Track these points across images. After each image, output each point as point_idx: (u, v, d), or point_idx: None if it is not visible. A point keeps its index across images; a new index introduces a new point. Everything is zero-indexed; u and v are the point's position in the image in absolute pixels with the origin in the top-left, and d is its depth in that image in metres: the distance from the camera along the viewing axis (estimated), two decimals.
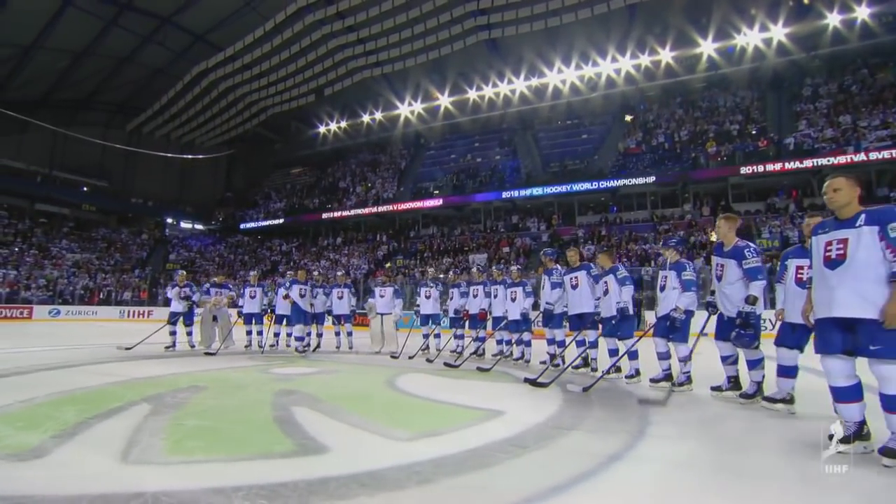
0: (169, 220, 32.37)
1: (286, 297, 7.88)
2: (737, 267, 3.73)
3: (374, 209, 26.54)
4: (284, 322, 8.47)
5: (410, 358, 7.01)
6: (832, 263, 2.44)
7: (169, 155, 26.82)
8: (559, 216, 23.14)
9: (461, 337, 7.78)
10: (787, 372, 3.42)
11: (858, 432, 2.46)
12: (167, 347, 7.88)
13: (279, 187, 33.87)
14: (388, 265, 22.58)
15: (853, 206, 2.44)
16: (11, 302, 19.33)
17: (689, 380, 4.31)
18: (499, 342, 7.24)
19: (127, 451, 2.40)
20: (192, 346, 8.05)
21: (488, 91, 26.36)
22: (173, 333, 8.12)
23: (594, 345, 5.46)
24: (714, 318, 3.98)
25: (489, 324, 7.59)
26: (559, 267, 6.09)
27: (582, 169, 22.73)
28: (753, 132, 19.75)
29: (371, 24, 23.64)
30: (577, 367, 5.66)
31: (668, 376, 4.40)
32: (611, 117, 25.87)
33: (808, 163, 16.71)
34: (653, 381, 4.50)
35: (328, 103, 29.67)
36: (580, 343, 5.57)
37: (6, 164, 25.63)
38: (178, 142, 30.62)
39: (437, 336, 8.27)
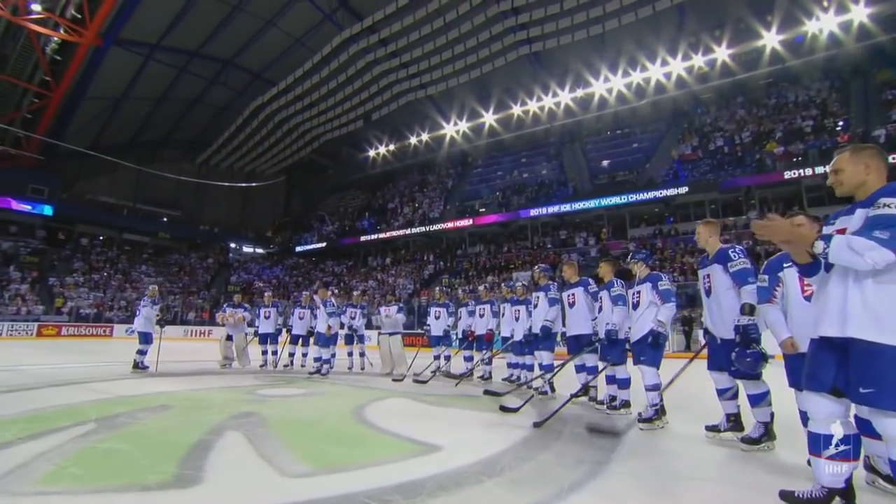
0: (232, 245, 34.82)
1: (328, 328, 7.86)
2: (723, 273, 3.05)
3: (420, 229, 26.72)
4: (300, 342, 8.52)
5: (418, 382, 6.61)
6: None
7: (225, 184, 28.94)
8: (610, 230, 21.82)
9: (470, 359, 7.29)
10: None
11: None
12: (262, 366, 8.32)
13: (333, 211, 35.33)
14: (437, 289, 22.45)
15: (868, 187, 1.81)
16: (97, 321, 21.53)
17: (658, 414, 3.57)
18: (510, 365, 6.67)
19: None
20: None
21: (533, 105, 25.89)
22: (265, 353, 8.54)
23: (593, 371, 4.77)
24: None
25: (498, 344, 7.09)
26: (554, 283, 5.51)
27: (631, 179, 21.37)
28: (838, 126, 17.40)
29: (413, 48, 24.26)
30: (576, 396, 4.99)
31: (658, 411, 3.67)
32: (663, 124, 24.28)
33: None
34: (643, 420, 3.70)
35: (376, 127, 30.70)
36: (580, 368, 4.91)
37: (101, 199, 29.08)
38: (240, 171, 33.13)
39: (448, 358, 7.87)
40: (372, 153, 32.59)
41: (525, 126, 26.88)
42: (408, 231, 27.25)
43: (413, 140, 30.24)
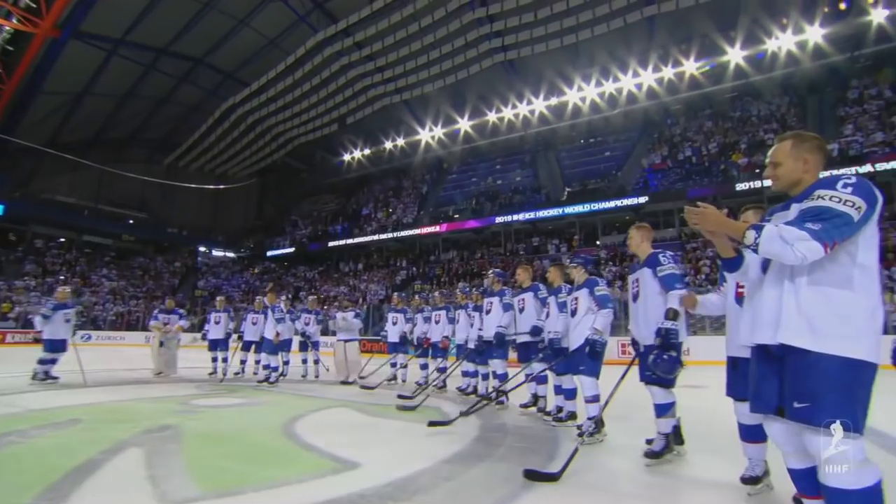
0: (202, 249, 33.74)
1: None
2: (652, 277, 2.94)
3: (393, 234, 26.43)
4: (252, 349, 8.14)
5: (365, 387, 6.36)
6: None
7: (194, 185, 28.04)
8: (581, 237, 21.99)
9: (425, 367, 7.06)
10: (754, 434, 2.41)
11: None
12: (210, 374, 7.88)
13: (306, 215, 34.70)
14: (394, 294, 22.13)
15: (803, 185, 1.65)
16: None
17: (598, 427, 3.43)
18: (465, 374, 6.47)
19: None
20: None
21: (508, 113, 26.00)
22: (214, 360, 8.09)
23: (543, 380, 4.61)
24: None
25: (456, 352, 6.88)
26: (508, 289, 5.35)
27: (603, 188, 21.63)
28: None
29: (388, 52, 24.08)
30: (525, 406, 4.84)
31: (598, 424, 3.51)
32: (634, 133, 24.72)
33: (854, 168, 14.93)
34: (581, 434, 3.48)
35: (351, 132, 30.33)
36: (529, 377, 4.75)
37: (60, 199, 27.75)
38: (211, 173, 32.21)
39: (405, 366, 7.63)
40: (347, 157, 32.17)
41: (500, 133, 26.99)
42: (381, 236, 26.92)
43: (388, 145, 29.99)
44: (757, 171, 17.51)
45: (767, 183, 15.05)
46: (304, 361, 8.15)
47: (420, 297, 8.17)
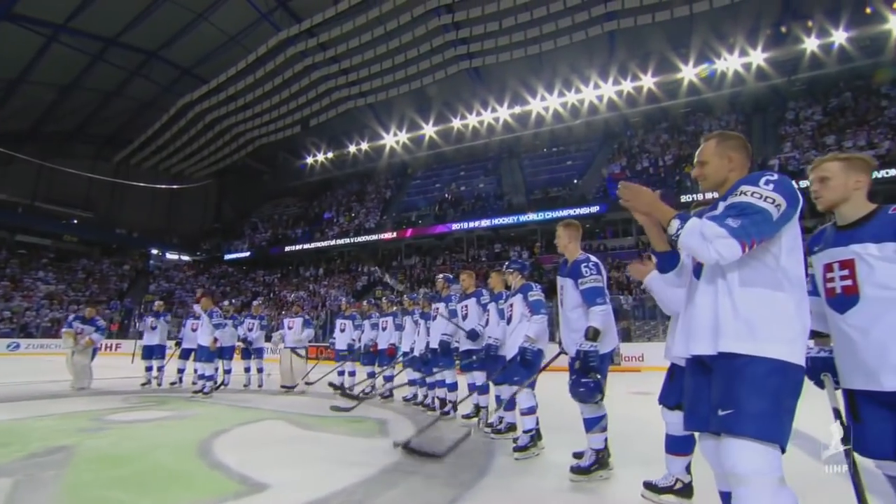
0: (154, 251, 32.06)
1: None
2: (574, 289, 2.84)
3: (355, 239, 25.98)
4: (192, 357, 7.65)
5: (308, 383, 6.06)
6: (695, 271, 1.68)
7: (142, 185, 26.67)
8: (543, 244, 22.27)
9: (373, 375, 6.83)
10: (678, 446, 2.36)
11: None
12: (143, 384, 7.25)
13: (267, 218, 33.65)
14: (343, 300, 21.71)
15: (729, 184, 1.59)
16: None
17: (533, 440, 3.33)
18: (411, 383, 6.27)
19: None
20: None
21: (472, 120, 26.15)
22: (149, 369, 7.48)
23: (485, 390, 4.49)
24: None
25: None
26: (455, 294, 5.22)
27: (564, 195, 22.04)
28: None
29: (352, 54, 23.76)
30: (468, 417, 4.71)
31: (534, 437, 3.40)
32: (595, 143, 25.40)
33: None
34: (518, 449, 3.36)
35: (314, 134, 29.70)
36: (471, 388, 4.63)
37: None
38: (166, 172, 30.72)
39: (352, 374, 7.37)
40: (310, 160, 31.45)
41: (465, 139, 27.09)
42: (342, 241, 26.39)
43: (352, 149, 29.55)
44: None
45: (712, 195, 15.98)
46: (247, 370, 7.74)
47: (368, 303, 7.90)
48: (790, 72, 19.26)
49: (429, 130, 27.11)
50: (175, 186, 28.82)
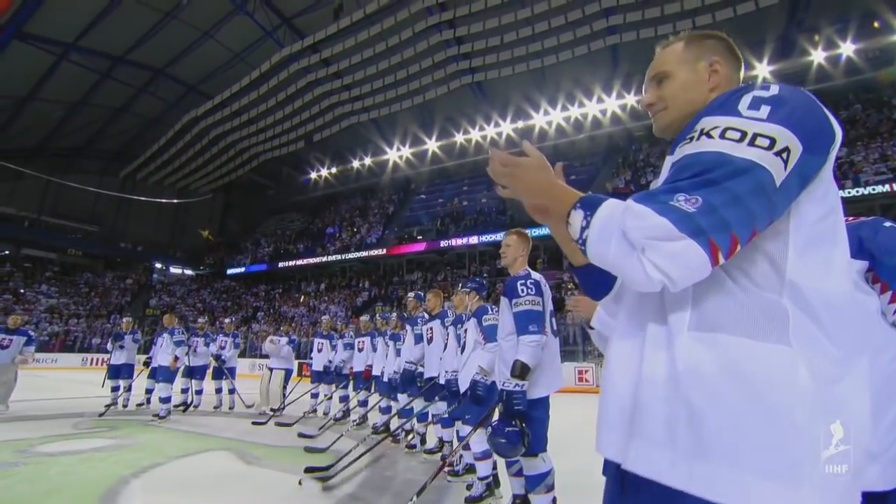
0: (158, 266, 32.12)
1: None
2: (508, 310, 2.40)
3: (356, 254, 25.71)
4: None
5: (280, 424, 5.61)
6: None
7: (147, 199, 26.76)
8: (545, 260, 21.75)
9: (345, 398, 6.39)
10: None
11: None
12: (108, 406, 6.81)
13: (271, 233, 33.63)
14: (323, 318, 21.30)
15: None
16: None
17: (489, 488, 2.85)
18: (381, 410, 5.80)
19: None
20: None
21: (475, 134, 26.01)
22: (115, 389, 7.09)
23: (448, 423, 4.02)
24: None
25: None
26: (425, 314, 4.79)
27: None
28: None
29: (355, 70, 23.85)
30: (431, 452, 4.23)
31: (490, 485, 2.92)
32: (599, 158, 25.03)
33: None
34: (470, 500, 2.89)
35: (318, 149, 29.80)
36: (431, 419, 4.16)
37: None
38: (171, 187, 30.94)
39: (328, 398, 6.93)
40: (314, 175, 31.54)
41: (468, 154, 26.92)
42: (343, 256, 26.13)
43: (356, 164, 29.55)
44: None
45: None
46: (219, 391, 7.34)
47: (342, 321, 7.49)
48: (798, 84, 18.78)
49: (432, 145, 27.01)
50: (175, 201, 28.96)
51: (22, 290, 23.76)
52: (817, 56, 17.54)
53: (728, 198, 0.68)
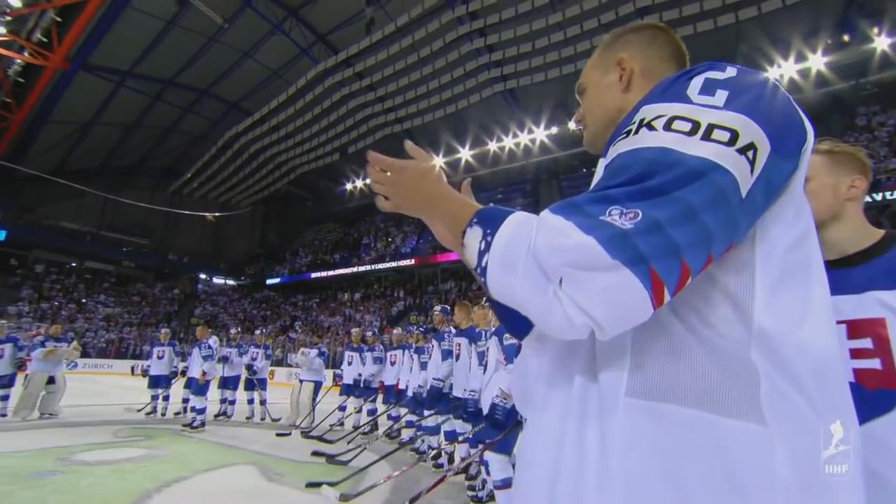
0: (202, 276, 33.61)
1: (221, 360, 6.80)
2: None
3: (391, 264, 25.94)
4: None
5: (309, 436, 5.58)
6: None
7: (187, 212, 28.00)
8: None
9: (373, 412, 6.28)
10: None
11: None
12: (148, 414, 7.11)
13: (308, 243, 34.52)
14: (354, 330, 21.37)
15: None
16: None
17: None
18: (408, 424, 5.65)
19: None
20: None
21: (509, 142, 25.77)
22: (155, 398, 7.39)
23: (473, 444, 3.81)
24: None
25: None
26: (452, 329, 4.61)
27: None
28: None
29: (388, 82, 24.24)
30: (455, 474, 4.02)
31: None
32: None
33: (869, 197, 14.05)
34: None
35: (353, 161, 30.38)
36: (454, 437, 3.96)
37: (63, 225, 28.09)
38: (215, 201, 32.41)
39: (358, 411, 6.85)
40: (349, 186, 32.16)
41: (501, 162, 26.70)
42: (378, 266, 26.41)
43: None
44: None
45: None
46: (250, 402, 7.42)
47: (373, 333, 7.40)
48: (858, 75, 17.46)
49: (465, 154, 26.96)
50: (216, 214, 30.20)
51: (84, 300, 25.40)
52: (880, 43, 16.18)
53: (676, 211, 0.49)
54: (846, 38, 16.94)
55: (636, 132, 0.57)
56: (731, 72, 0.59)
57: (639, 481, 0.50)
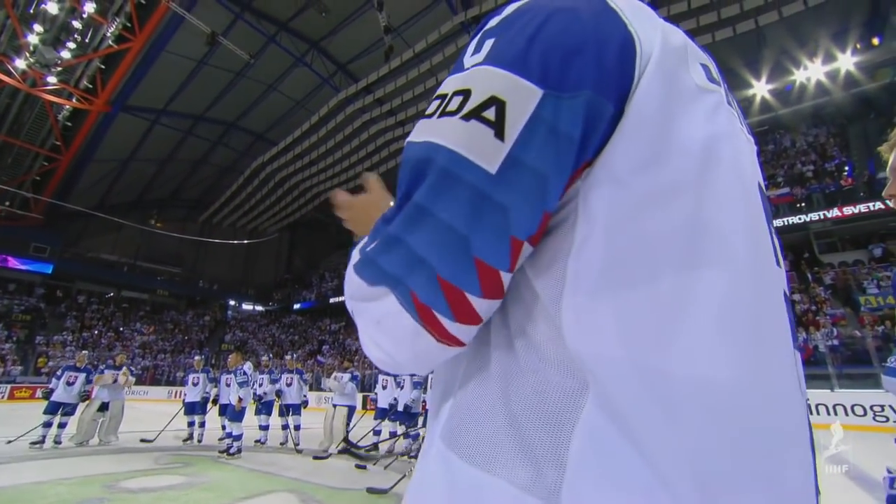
0: (231, 303, 34.42)
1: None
2: None
3: None
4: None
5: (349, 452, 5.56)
6: None
7: (217, 241, 28.92)
8: None
9: (415, 437, 6.20)
10: None
11: None
12: (185, 440, 7.27)
13: (334, 268, 35.04)
14: None
15: None
16: None
17: None
18: None
19: None
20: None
21: None
22: (191, 424, 7.56)
23: None
24: None
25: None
26: None
27: None
28: (845, 170, 16.50)
29: (407, 107, 24.77)
30: None
31: None
32: None
33: None
34: None
35: None
36: None
37: (103, 257, 29.43)
38: (243, 229, 33.42)
39: (393, 434, 6.79)
40: None
41: None
42: None
43: None
44: (800, 204, 16.09)
45: (806, 217, 13.53)
46: (284, 427, 7.43)
47: None
48: (892, 73, 16.85)
49: None
50: (245, 241, 31.09)
51: (121, 328, 26.31)
52: None
53: (408, 215, 0.40)
54: (876, 41, 16.45)
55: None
56: (508, 10, 0.44)
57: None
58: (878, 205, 13.88)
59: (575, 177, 0.38)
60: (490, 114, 0.37)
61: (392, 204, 0.64)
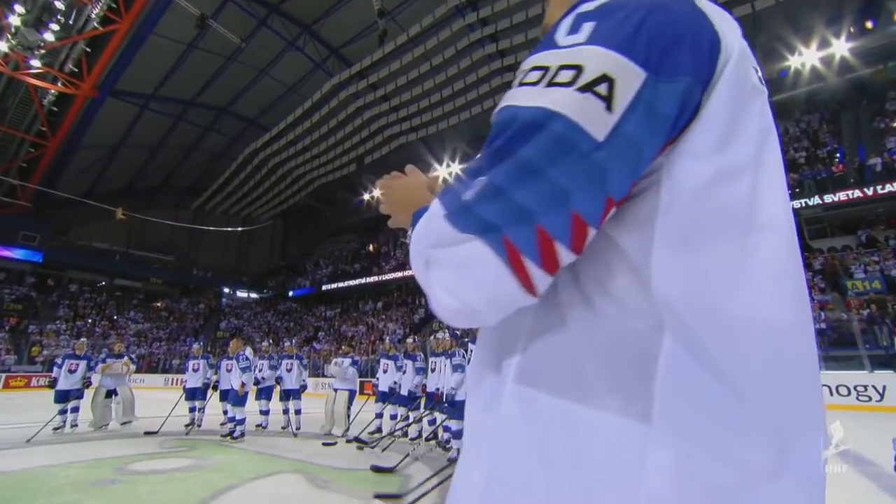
0: (226, 290, 34.32)
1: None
2: None
3: (410, 272, 26.07)
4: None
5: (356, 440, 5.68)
6: None
7: (211, 228, 28.69)
8: None
9: (433, 422, 6.31)
10: None
11: None
12: (187, 426, 7.36)
13: (328, 255, 34.98)
14: (386, 338, 21.46)
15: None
16: None
17: None
18: (446, 430, 5.69)
19: None
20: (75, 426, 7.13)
21: None
22: (192, 410, 7.65)
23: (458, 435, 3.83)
24: None
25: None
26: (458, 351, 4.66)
27: None
28: (836, 157, 16.67)
29: (401, 92, 24.53)
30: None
31: None
32: None
33: None
34: None
35: (370, 171, 30.72)
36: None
37: (94, 245, 29.11)
38: (236, 216, 33.16)
39: (393, 417, 6.92)
40: (367, 197, 32.52)
41: None
42: (399, 274, 26.57)
43: None
44: (795, 190, 16.28)
45: (797, 204, 13.61)
46: (285, 411, 7.54)
47: (414, 342, 7.41)
48: (885, 59, 16.93)
49: None
50: (239, 229, 30.88)
51: (115, 317, 26.19)
52: None
53: (516, 171, 0.43)
54: (869, 24, 16.49)
55: (508, 97, 0.50)
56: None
57: (501, 491, 0.46)
58: (868, 191, 14.12)
59: (662, 151, 0.45)
60: (602, 89, 0.42)
61: (432, 188, 0.72)
